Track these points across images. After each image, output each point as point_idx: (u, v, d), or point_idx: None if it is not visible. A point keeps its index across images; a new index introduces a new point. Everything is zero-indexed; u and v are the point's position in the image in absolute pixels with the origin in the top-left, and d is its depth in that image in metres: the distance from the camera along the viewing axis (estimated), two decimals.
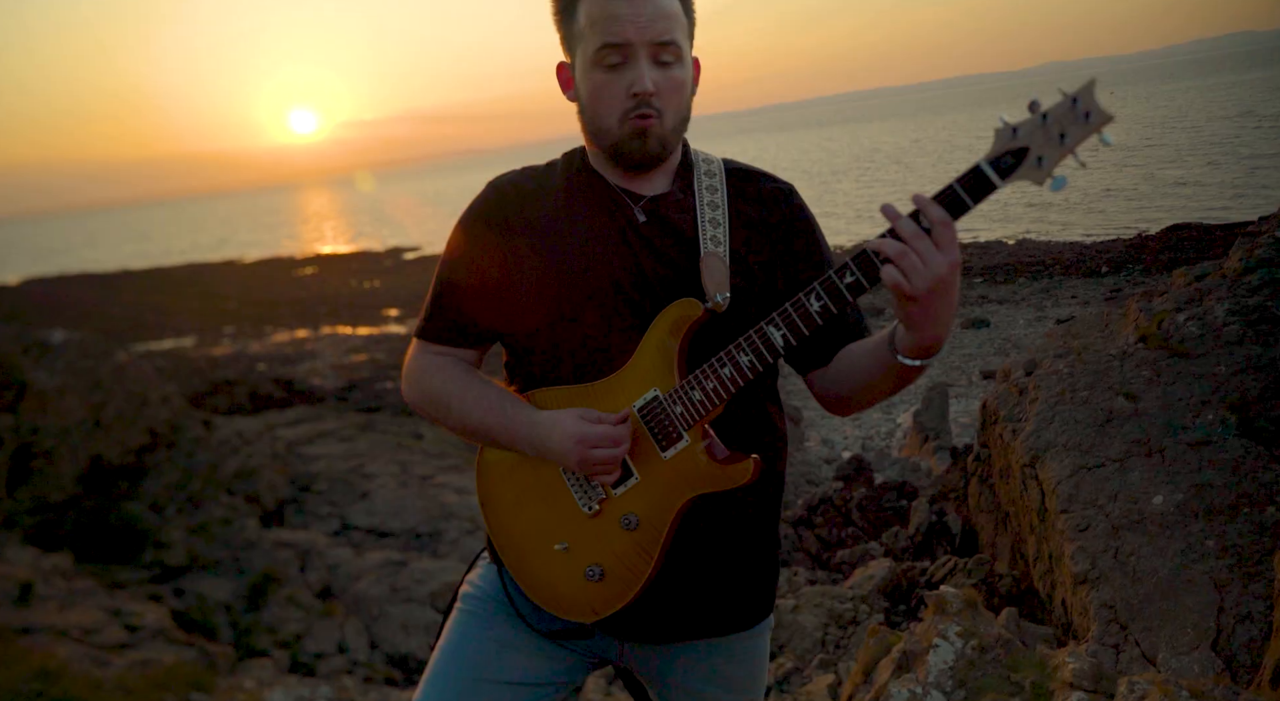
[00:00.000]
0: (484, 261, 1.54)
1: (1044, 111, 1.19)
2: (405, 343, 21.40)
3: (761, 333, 1.37)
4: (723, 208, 1.52)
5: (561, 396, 1.52)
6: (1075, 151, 1.19)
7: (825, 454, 10.14)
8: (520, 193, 1.56)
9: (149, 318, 30.38)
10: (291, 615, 5.53)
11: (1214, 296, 4.74)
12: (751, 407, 1.55)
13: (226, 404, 12.92)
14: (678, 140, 1.51)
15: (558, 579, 1.54)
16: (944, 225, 1.23)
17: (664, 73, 1.45)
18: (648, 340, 1.46)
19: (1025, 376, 5.32)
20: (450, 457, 9.27)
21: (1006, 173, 1.21)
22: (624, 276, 1.48)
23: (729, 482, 1.43)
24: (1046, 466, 4.28)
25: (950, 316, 1.32)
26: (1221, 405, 3.92)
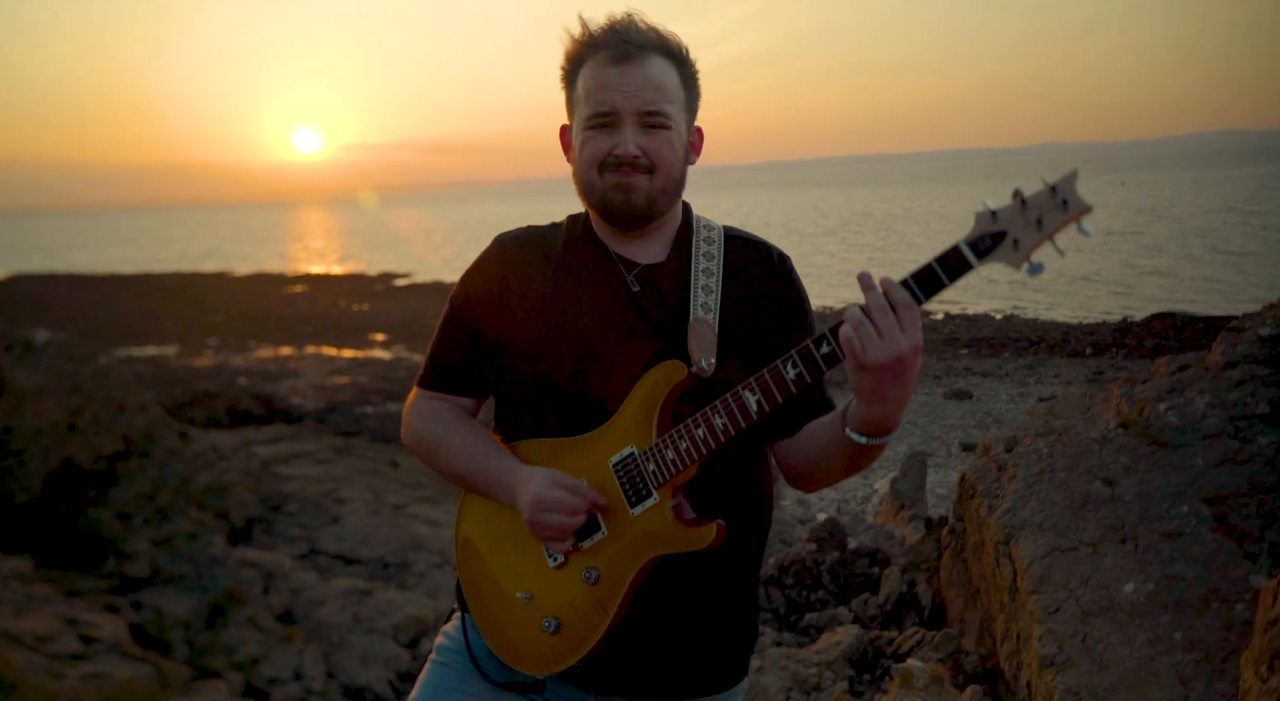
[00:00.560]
0: (482, 317, 1.60)
1: (1025, 198, 1.25)
2: (388, 368, 21.32)
3: (737, 396, 1.41)
4: (717, 275, 1.57)
5: (545, 448, 1.56)
6: (1054, 239, 1.24)
7: (800, 514, 10.12)
8: (523, 252, 1.63)
9: (134, 323, 30.19)
10: (250, 637, 5.44)
11: (1196, 388, 4.81)
12: (734, 471, 1.57)
13: (204, 416, 12.81)
14: (669, 203, 1.58)
15: (515, 628, 1.56)
16: (907, 307, 1.28)
17: (651, 136, 1.52)
18: (631, 399, 1.50)
19: (1005, 453, 5.35)
20: (424, 488, 9.21)
21: (983, 254, 1.26)
22: (613, 340, 1.53)
23: (690, 545, 1.45)
24: (1020, 545, 4.29)
25: (904, 398, 1.35)
26: (1197, 498, 3.95)
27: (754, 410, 1.40)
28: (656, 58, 1.53)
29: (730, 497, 1.57)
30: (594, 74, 1.52)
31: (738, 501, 1.59)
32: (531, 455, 1.58)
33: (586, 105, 1.52)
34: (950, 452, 12.60)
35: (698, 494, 1.52)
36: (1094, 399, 5.76)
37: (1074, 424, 5.41)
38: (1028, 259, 1.25)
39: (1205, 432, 4.54)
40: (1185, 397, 4.97)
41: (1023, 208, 1.24)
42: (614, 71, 1.50)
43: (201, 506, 7.68)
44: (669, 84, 1.53)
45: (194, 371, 21.65)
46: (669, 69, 1.54)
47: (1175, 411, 4.85)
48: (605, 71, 1.51)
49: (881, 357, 1.28)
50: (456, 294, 1.66)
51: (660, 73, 1.52)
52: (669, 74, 1.53)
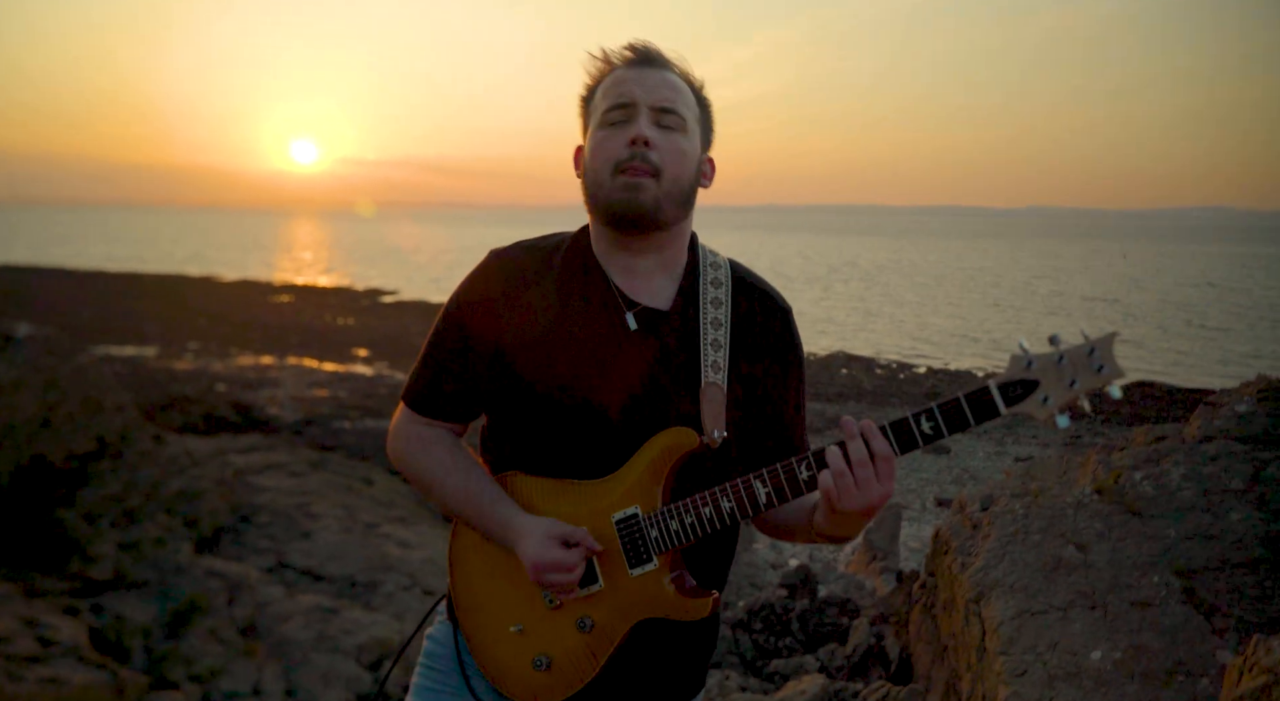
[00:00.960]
0: (475, 334, 1.57)
1: (1062, 352, 1.25)
2: (369, 384, 21.19)
3: (749, 484, 1.42)
4: (725, 326, 1.54)
5: (543, 488, 1.54)
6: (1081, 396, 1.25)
7: (772, 558, 10.10)
8: (520, 271, 1.58)
9: (116, 321, 29.96)
10: (211, 649, 5.36)
11: (1171, 459, 4.86)
12: (723, 538, 1.59)
13: (180, 421, 12.69)
14: (675, 213, 1.52)
15: (507, 658, 1.57)
16: (886, 460, 1.30)
17: (665, 134, 1.49)
18: (639, 457, 1.49)
19: (980, 511, 5.38)
20: (398, 508, 9.14)
21: (1013, 402, 1.27)
22: (618, 392, 1.51)
23: (685, 615, 1.47)
24: (991, 605, 4.30)
25: (864, 525, 1.39)
26: (1168, 569, 3.99)
27: (763, 502, 1.42)
28: (674, 74, 1.55)
29: (721, 561, 1.61)
30: (614, 78, 1.55)
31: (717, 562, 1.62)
32: (529, 493, 1.56)
33: (604, 102, 1.52)
34: (925, 507, 12.63)
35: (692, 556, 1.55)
36: (1071, 463, 5.81)
37: (1050, 487, 5.45)
38: (1054, 414, 1.25)
39: (1179, 505, 4.58)
40: (1161, 468, 5.02)
41: (1059, 363, 1.24)
42: (633, 72, 1.53)
43: (171, 512, 7.59)
44: (683, 89, 1.55)
45: (173, 374, 21.47)
46: (685, 87, 1.55)
47: (1150, 481, 4.90)
48: (625, 73, 1.54)
49: (854, 506, 1.31)
50: (449, 309, 1.62)
51: (673, 80, 1.54)
52: (686, 90, 1.55)
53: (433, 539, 7.98)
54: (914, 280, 57.26)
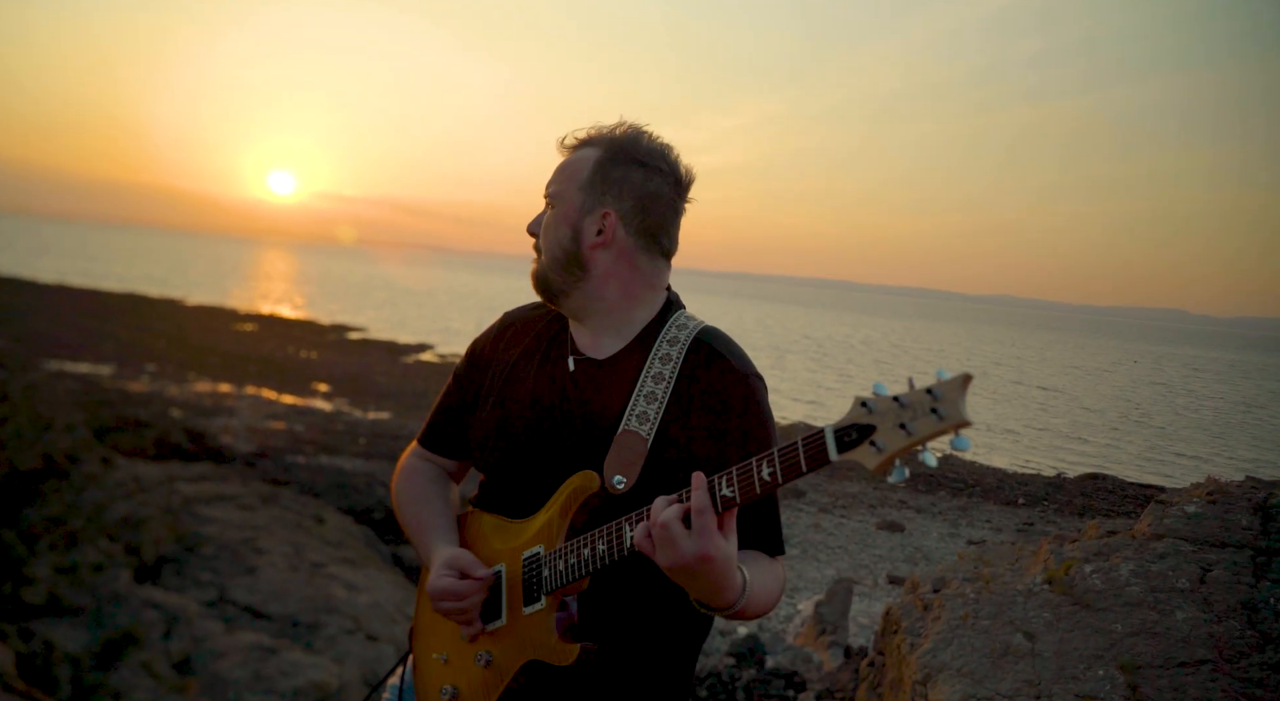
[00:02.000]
0: (466, 389, 1.69)
1: (900, 394, 1.13)
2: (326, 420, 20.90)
3: (618, 527, 1.44)
4: (668, 382, 1.55)
5: (490, 524, 1.63)
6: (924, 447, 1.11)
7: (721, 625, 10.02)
8: (518, 331, 1.71)
9: (72, 337, 29.42)
10: (142, 682, 5.20)
11: (1121, 555, 4.94)
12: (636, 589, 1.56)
13: (130, 443, 12.43)
14: (564, 279, 1.58)
15: (428, 685, 1.64)
16: (699, 513, 1.29)
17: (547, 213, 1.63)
18: (554, 499, 1.55)
19: (932, 593, 5.41)
20: (347, 549, 8.98)
21: (845, 448, 1.16)
22: (547, 434, 1.59)
23: (554, 658, 1.48)
24: (938, 687, 4.31)
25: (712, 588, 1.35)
26: (1113, 663, 4.03)
27: (628, 544, 1.41)
28: (585, 149, 1.61)
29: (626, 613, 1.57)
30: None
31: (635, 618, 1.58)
32: (481, 527, 1.66)
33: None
34: (877, 583, 12.63)
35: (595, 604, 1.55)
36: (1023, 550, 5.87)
37: (1001, 573, 5.50)
38: (890, 465, 1.12)
39: (1127, 600, 4.65)
40: (1111, 563, 5.09)
41: (897, 405, 1.12)
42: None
43: (113, 538, 7.39)
44: (572, 167, 1.60)
45: (127, 395, 21.07)
46: (590, 154, 1.59)
47: (1100, 574, 4.96)
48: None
49: (666, 563, 1.32)
50: (462, 359, 1.78)
51: (574, 161, 1.60)
52: (584, 159, 1.59)
53: (380, 583, 7.84)
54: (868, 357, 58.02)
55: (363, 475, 14.12)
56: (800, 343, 67.57)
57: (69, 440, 8.88)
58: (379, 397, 24.43)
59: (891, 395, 1.14)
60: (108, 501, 7.95)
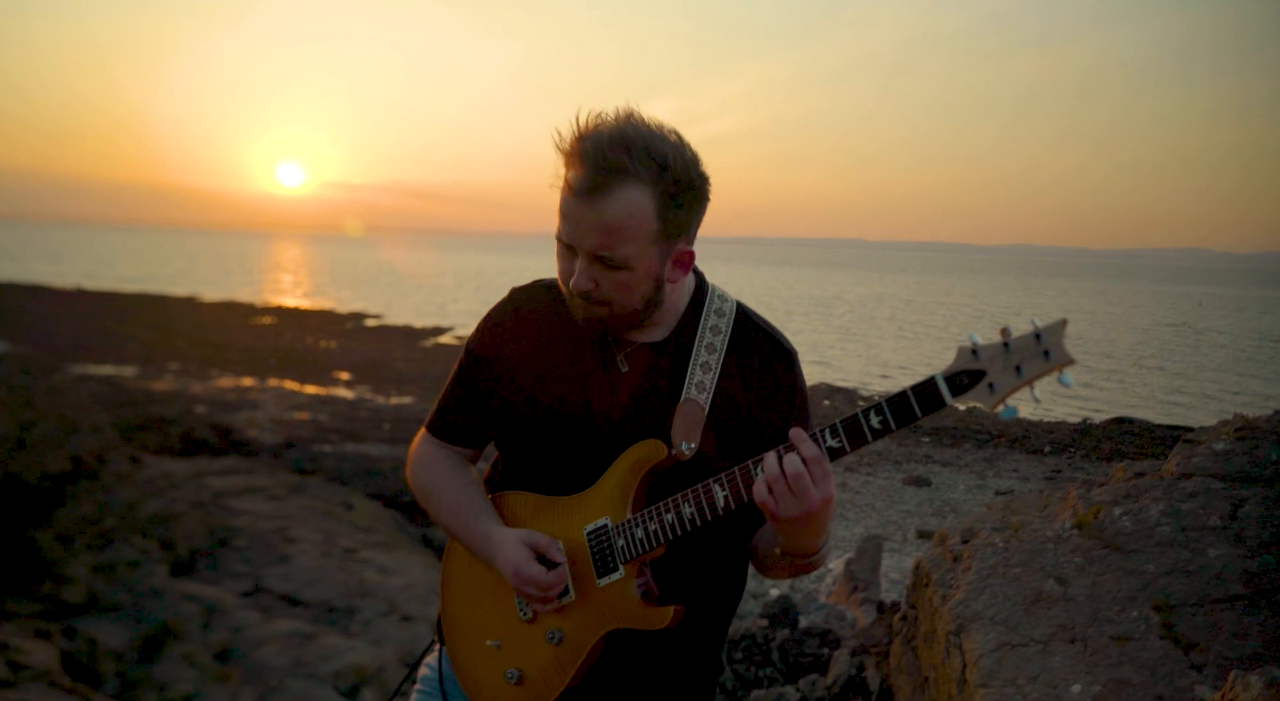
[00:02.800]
0: (483, 372, 1.65)
1: (1008, 341, 1.25)
2: (349, 408, 21.07)
3: (708, 489, 1.45)
4: (719, 352, 1.58)
5: (526, 503, 1.61)
6: (1033, 386, 1.25)
7: (753, 588, 10.07)
8: (532, 310, 1.67)
9: (94, 340, 29.71)
10: (185, 674, 5.28)
11: (1150, 496, 4.90)
12: (708, 552, 1.60)
13: (158, 442, 12.57)
14: (642, 318, 1.57)
15: (483, 673, 1.61)
16: (816, 462, 1.32)
17: (609, 274, 1.48)
18: (613, 471, 1.55)
19: (961, 544, 5.40)
20: (378, 533, 9.07)
21: (958, 391, 1.28)
22: (599, 416, 1.56)
23: (646, 624, 1.49)
24: (971, 637, 4.31)
25: (818, 535, 1.40)
26: (1147, 604, 4.01)
27: (720, 505, 1.44)
28: (627, 189, 1.42)
29: (701, 576, 1.61)
30: (565, 192, 1.47)
31: (709, 580, 1.62)
32: (516, 508, 1.63)
33: (559, 217, 1.49)
34: (906, 538, 12.64)
35: (670, 568, 1.55)
36: (1051, 498, 5.85)
37: (1030, 521, 5.48)
38: (1003, 403, 1.26)
39: (1158, 540, 4.62)
40: (1140, 504, 5.06)
41: (1005, 350, 1.25)
42: (575, 204, 1.45)
43: (146, 535, 7.50)
44: (632, 221, 1.44)
45: (151, 395, 21.28)
46: (641, 199, 1.43)
47: (1130, 517, 4.93)
48: (571, 200, 1.46)
49: (793, 513, 1.33)
50: (468, 341, 1.72)
51: (621, 210, 1.42)
52: (639, 206, 1.43)
53: (411, 565, 7.91)
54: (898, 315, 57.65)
55: (389, 460, 14.23)
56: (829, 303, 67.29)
57: (96, 441, 8.99)
58: (400, 383, 24.57)
59: (1000, 342, 1.25)
60: (139, 499, 8.05)
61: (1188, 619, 3.92)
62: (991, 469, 17.73)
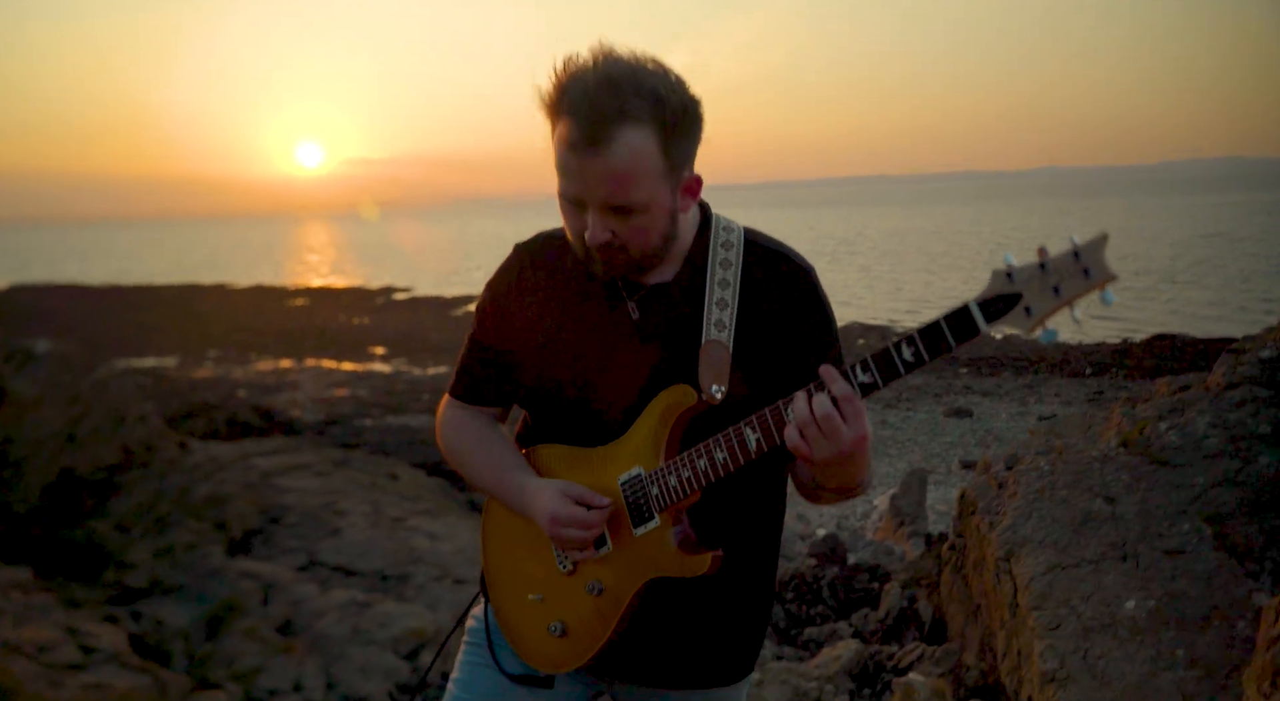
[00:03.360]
0: (499, 329, 1.64)
1: (1044, 261, 1.18)
2: (387, 382, 21.29)
3: (740, 433, 1.43)
4: (734, 286, 1.55)
5: (559, 455, 1.60)
6: (1072, 306, 1.18)
7: (800, 529, 10.11)
8: (539, 264, 1.64)
9: (133, 334, 30.21)
10: (250, 648, 5.43)
11: (1196, 408, 4.83)
12: (745, 494, 1.59)
13: (204, 428, 12.81)
14: (660, 257, 1.54)
15: (527, 627, 1.62)
16: (847, 401, 1.27)
17: (624, 222, 1.45)
18: (643, 420, 1.53)
19: (1005, 470, 5.36)
20: (424, 501, 9.20)
21: (993, 317, 1.21)
22: (621, 365, 1.54)
23: (685, 572, 1.48)
24: (1021, 562, 4.29)
25: (856, 473, 1.36)
26: (1198, 516, 3.97)
27: (753, 448, 1.41)
28: (627, 132, 1.38)
29: (739, 518, 1.60)
30: (562, 149, 1.42)
31: (747, 522, 1.61)
32: (549, 461, 1.63)
33: (559, 176, 1.45)
34: (950, 470, 12.60)
35: (708, 515, 1.55)
36: (1095, 418, 5.78)
37: (1075, 442, 5.43)
38: (1041, 326, 1.19)
39: (1206, 452, 4.55)
40: (1186, 417, 4.99)
41: (1041, 271, 1.18)
42: (576, 159, 1.40)
43: (200, 517, 7.67)
44: (639, 164, 1.40)
45: (193, 383, 21.66)
46: (643, 139, 1.39)
47: (1176, 431, 4.87)
48: (571, 155, 1.41)
49: (827, 456, 1.30)
50: (479, 301, 1.70)
51: (627, 155, 1.39)
52: (642, 146, 1.39)
53: (461, 530, 8.03)
54: (925, 247, 56.88)
55: (430, 430, 14.34)
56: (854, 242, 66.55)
57: (144, 431, 9.17)
58: (435, 353, 24.77)
59: (1037, 262, 1.18)
60: (190, 484, 8.22)
61: (1241, 528, 3.87)
62: (1033, 395, 17.57)
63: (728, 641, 1.65)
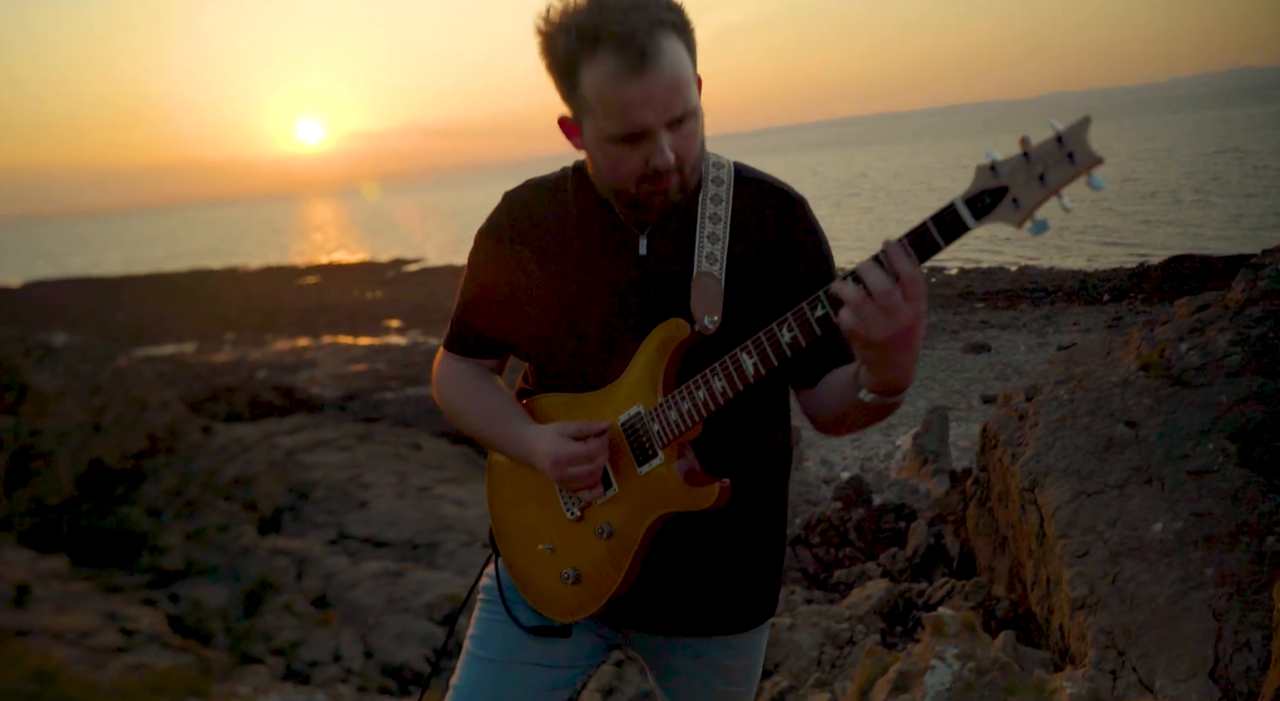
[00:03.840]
0: (494, 278, 1.61)
1: (1027, 150, 1.14)
2: (405, 354, 21.38)
3: (735, 359, 1.40)
4: (724, 221, 1.52)
5: (559, 403, 1.59)
6: (1060, 195, 1.14)
7: (824, 474, 10.15)
8: (531, 210, 1.61)
9: (150, 323, 30.41)
10: (287, 623, 5.52)
11: (1216, 327, 4.77)
12: (748, 424, 1.57)
13: (226, 410, 12.93)
14: (699, 169, 1.51)
15: (540, 577, 1.62)
16: (911, 279, 1.22)
17: (681, 134, 1.40)
18: (638, 358, 1.51)
19: (1026, 402, 5.34)
20: (448, 469, 9.27)
21: (981, 213, 1.18)
22: (621, 302, 1.52)
23: (694, 504, 1.46)
24: (1046, 491, 4.29)
25: (911, 362, 1.32)
26: (1222, 435, 3.93)
27: (750, 373, 1.39)
28: (665, 40, 1.34)
29: (745, 448, 1.58)
30: (609, 84, 1.35)
31: (753, 451, 1.59)
32: (547, 410, 1.61)
33: (607, 120, 1.38)
34: (971, 406, 12.57)
35: (711, 447, 1.53)
36: (1114, 344, 5.73)
37: (1094, 369, 5.39)
38: (1030, 218, 1.16)
39: (1228, 370, 4.51)
40: (1206, 336, 4.93)
41: (1025, 161, 1.15)
42: (634, 85, 1.34)
43: (229, 498, 7.76)
44: (685, 68, 1.37)
45: (213, 367, 21.82)
46: (676, 42, 1.36)
47: (1197, 351, 4.81)
48: (624, 85, 1.34)
49: (886, 334, 1.25)
50: (471, 253, 1.68)
51: (675, 60, 1.35)
52: (680, 50, 1.37)
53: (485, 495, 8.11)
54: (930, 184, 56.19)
55: None
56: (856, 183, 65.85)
57: (167, 417, 9.26)
58: None
59: (1020, 153, 1.15)
60: (216, 466, 8.31)
61: (1267, 443, 3.84)
62: (1051, 325, 17.45)
63: (743, 583, 1.64)
